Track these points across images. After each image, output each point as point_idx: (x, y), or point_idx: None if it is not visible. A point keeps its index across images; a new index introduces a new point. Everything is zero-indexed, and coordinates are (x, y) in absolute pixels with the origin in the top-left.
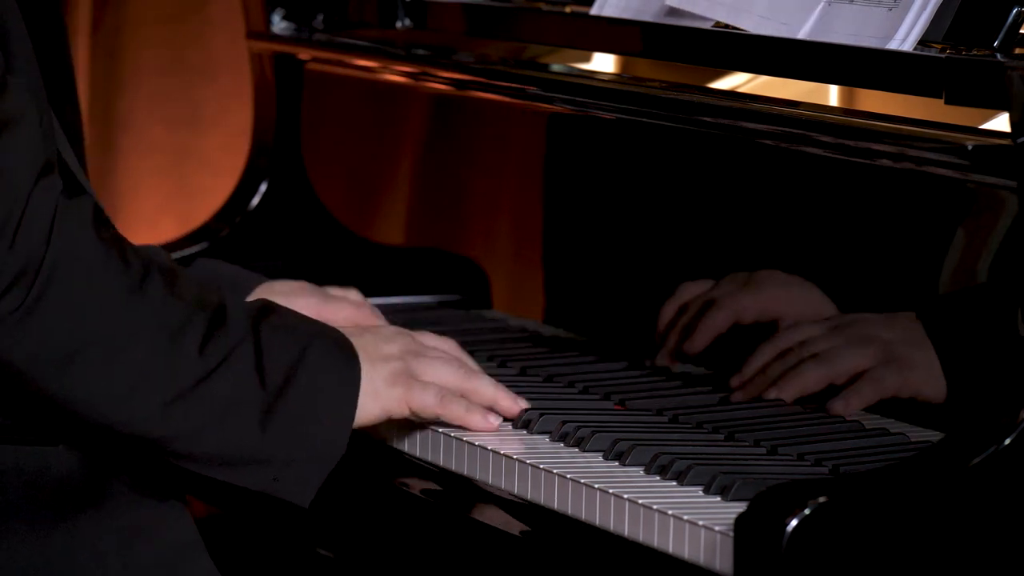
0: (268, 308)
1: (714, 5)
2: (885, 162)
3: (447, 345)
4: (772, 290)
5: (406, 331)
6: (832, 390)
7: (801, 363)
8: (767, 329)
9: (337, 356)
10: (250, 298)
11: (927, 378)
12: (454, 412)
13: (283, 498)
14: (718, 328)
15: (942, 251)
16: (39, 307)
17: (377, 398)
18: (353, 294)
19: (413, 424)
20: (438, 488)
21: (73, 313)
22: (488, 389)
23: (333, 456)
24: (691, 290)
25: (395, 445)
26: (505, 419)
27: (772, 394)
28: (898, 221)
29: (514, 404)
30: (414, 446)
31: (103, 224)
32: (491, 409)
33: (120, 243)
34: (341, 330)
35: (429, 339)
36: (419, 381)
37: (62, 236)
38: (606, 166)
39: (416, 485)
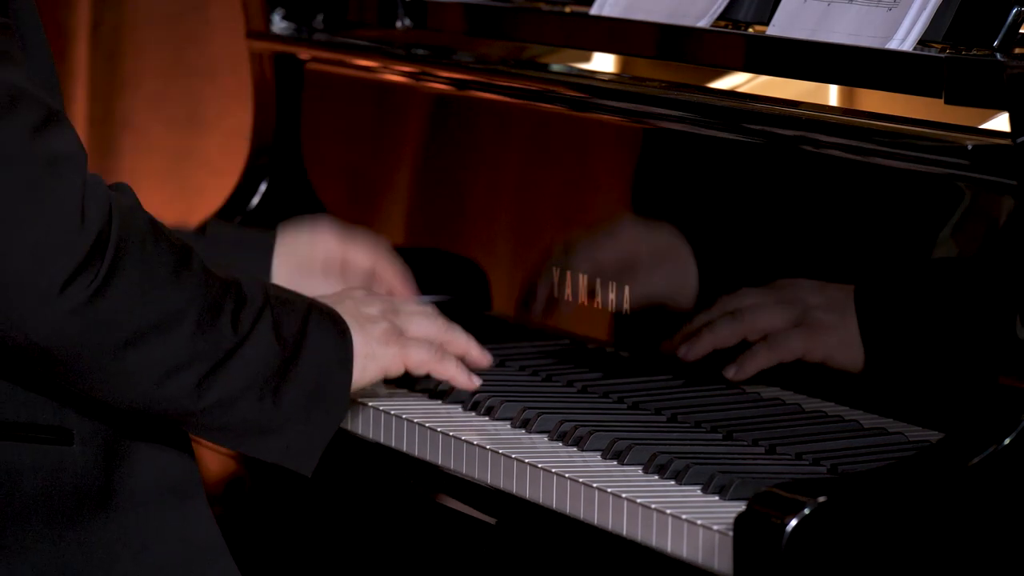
0: (266, 281)
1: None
2: (885, 162)
3: (421, 306)
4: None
5: (379, 294)
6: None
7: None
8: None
9: (331, 327)
10: (279, 237)
11: (839, 345)
12: (448, 370)
13: (291, 468)
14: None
15: (942, 251)
16: (108, 288)
17: (374, 359)
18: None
19: (402, 420)
20: (437, 487)
21: (136, 293)
22: (462, 339)
23: (334, 423)
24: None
25: (383, 441)
26: (504, 418)
27: (682, 350)
28: (898, 221)
29: (483, 356)
30: (413, 445)
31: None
32: (462, 359)
33: (160, 223)
34: (325, 300)
35: (404, 302)
36: (409, 338)
37: (120, 215)
38: (605, 166)
39: (417, 485)
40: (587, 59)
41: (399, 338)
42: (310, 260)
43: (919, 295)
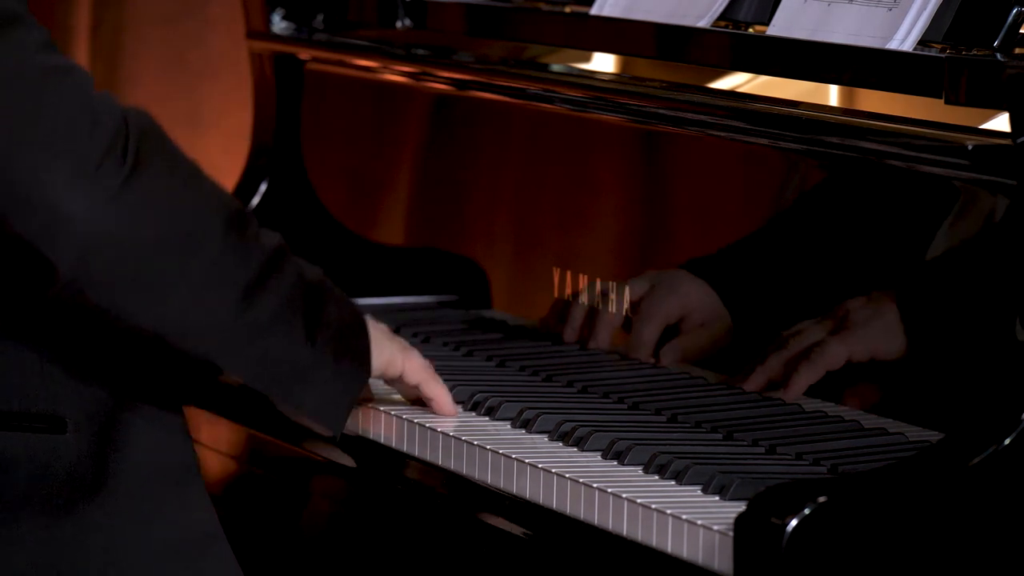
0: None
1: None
2: (885, 162)
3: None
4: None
5: None
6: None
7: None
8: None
9: (346, 297)
10: None
11: (881, 338)
12: (439, 390)
13: (321, 423)
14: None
15: (942, 251)
16: (137, 176)
17: (381, 348)
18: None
19: (402, 420)
20: (437, 487)
21: (165, 184)
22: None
23: (362, 378)
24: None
25: (383, 441)
26: (504, 418)
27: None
28: (898, 221)
29: (454, 408)
30: (413, 445)
31: None
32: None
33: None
34: None
35: None
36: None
37: (136, 116)
38: (605, 166)
39: (417, 484)
40: (587, 59)
41: (402, 342)
42: None
43: (919, 295)
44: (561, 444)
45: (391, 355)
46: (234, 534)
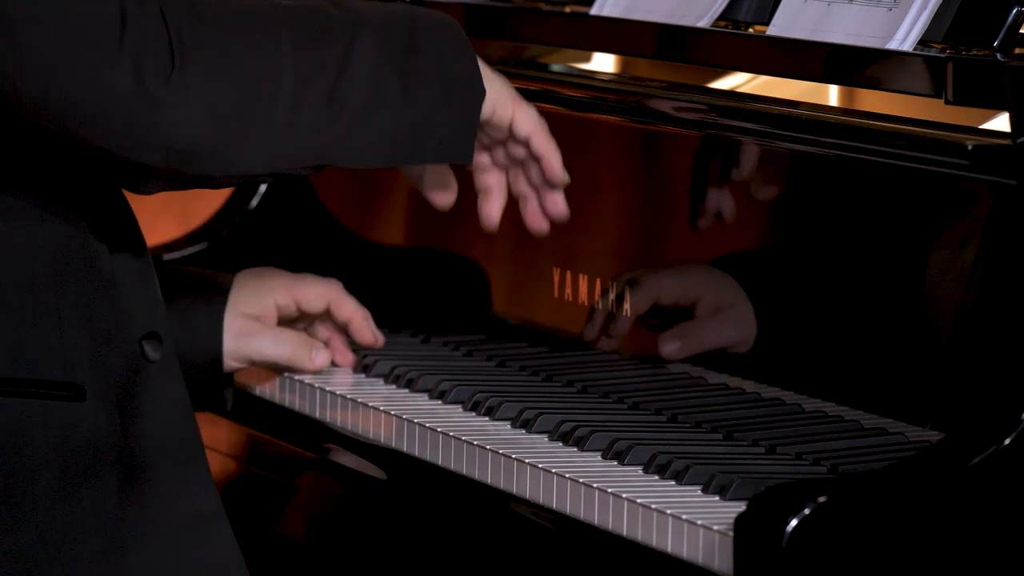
0: None
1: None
2: (885, 162)
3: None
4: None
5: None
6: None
7: None
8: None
9: (440, 19)
10: (233, 290)
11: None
12: (545, 146)
13: (452, 160)
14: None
15: (942, 251)
16: (187, 64)
17: (491, 82)
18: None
19: (403, 420)
20: (437, 487)
21: (221, 65)
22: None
23: (477, 104)
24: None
25: (383, 442)
26: (504, 418)
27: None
28: (898, 221)
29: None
30: (413, 445)
31: None
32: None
33: None
34: None
35: None
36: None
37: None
38: (605, 165)
39: (417, 485)
40: (587, 59)
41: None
42: (262, 309)
43: (919, 295)
44: (561, 444)
45: (499, 93)
46: (234, 534)
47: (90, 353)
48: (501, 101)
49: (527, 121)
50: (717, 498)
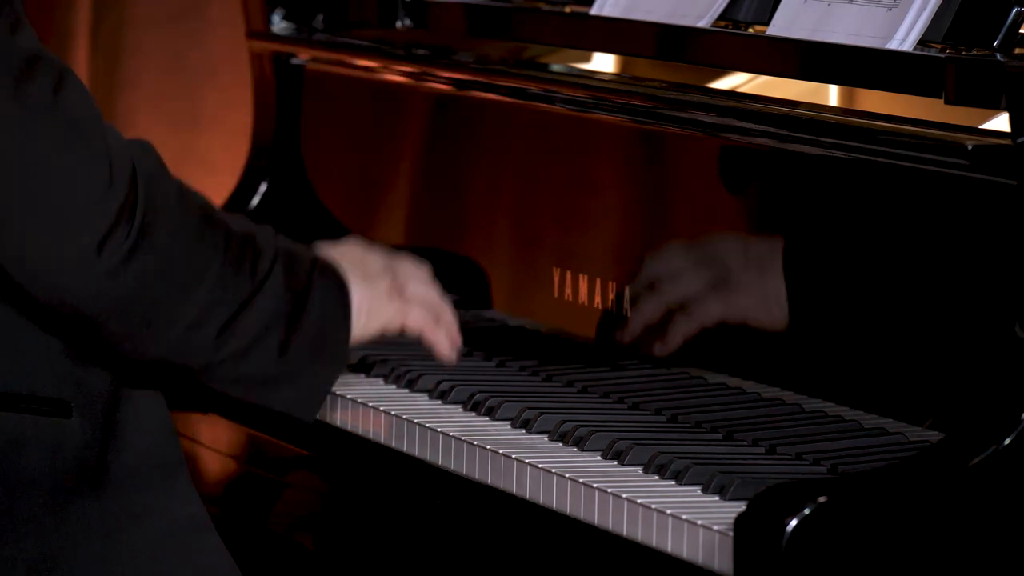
0: (276, 232)
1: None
2: (885, 162)
3: (420, 267)
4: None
5: (377, 248)
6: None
7: None
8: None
9: (333, 281)
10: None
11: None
12: (440, 337)
13: (295, 416)
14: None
15: (942, 251)
16: (140, 249)
17: (376, 314)
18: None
19: (403, 420)
20: (438, 487)
21: (167, 252)
22: (450, 313)
23: (335, 374)
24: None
25: (383, 442)
26: (504, 418)
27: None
28: (898, 221)
29: (458, 337)
30: (414, 445)
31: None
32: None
33: (182, 182)
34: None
35: (404, 259)
36: (408, 297)
37: (145, 175)
38: (605, 165)
39: (417, 485)
40: (587, 59)
41: (400, 296)
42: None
43: (919, 295)
44: (561, 444)
45: (388, 318)
46: (234, 534)
47: (72, 371)
48: (389, 324)
49: (414, 324)
50: (717, 498)
